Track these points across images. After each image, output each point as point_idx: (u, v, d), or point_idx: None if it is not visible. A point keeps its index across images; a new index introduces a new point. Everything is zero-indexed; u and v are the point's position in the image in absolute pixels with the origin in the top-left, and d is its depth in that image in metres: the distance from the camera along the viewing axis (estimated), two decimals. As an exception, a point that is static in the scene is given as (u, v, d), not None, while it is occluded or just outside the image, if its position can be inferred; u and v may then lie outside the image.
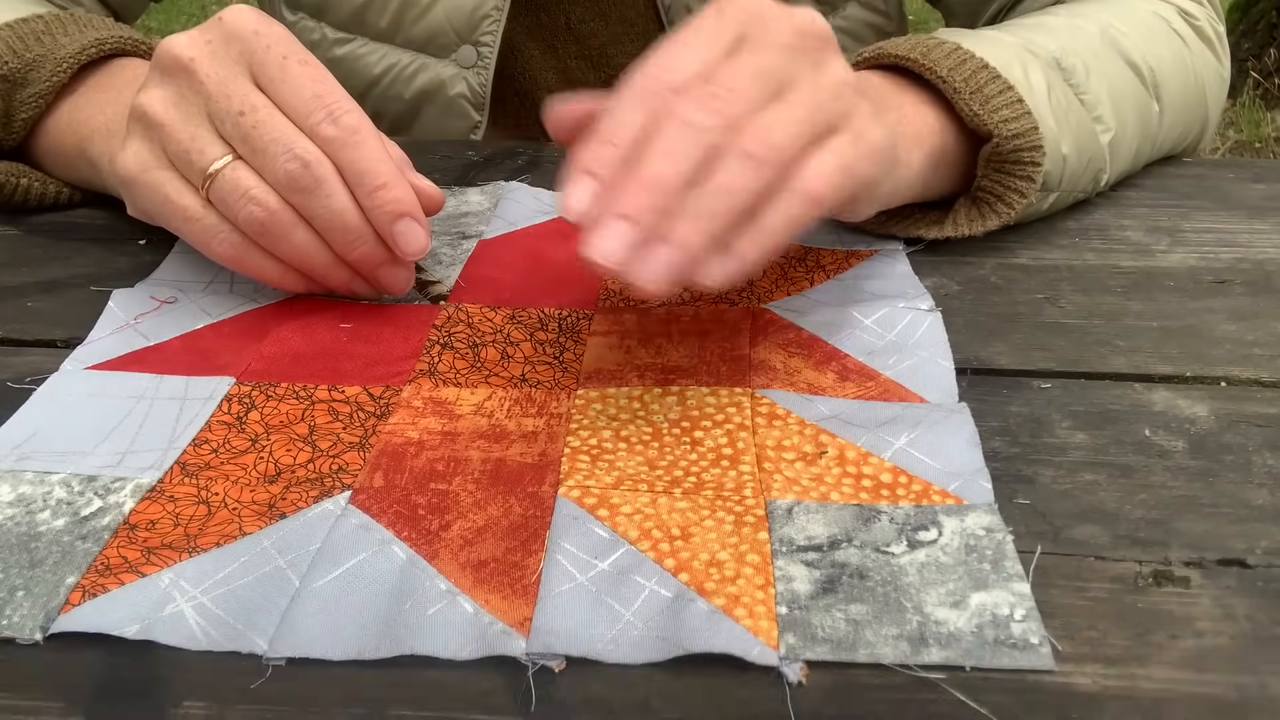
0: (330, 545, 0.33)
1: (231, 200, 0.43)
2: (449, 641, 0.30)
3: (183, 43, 0.44)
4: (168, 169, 0.45)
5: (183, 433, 0.39)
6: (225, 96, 0.43)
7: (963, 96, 0.47)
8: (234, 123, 0.43)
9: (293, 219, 0.44)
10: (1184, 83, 0.60)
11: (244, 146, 0.43)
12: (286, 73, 0.44)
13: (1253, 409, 0.41)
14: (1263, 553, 0.34)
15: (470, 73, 0.71)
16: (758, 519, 0.34)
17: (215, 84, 0.43)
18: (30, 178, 0.55)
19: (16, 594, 0.32)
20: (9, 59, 0.52)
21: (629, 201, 0.35)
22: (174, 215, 0.45)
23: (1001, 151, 0.47)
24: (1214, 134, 0.67)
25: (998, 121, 0.47)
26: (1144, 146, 0.58)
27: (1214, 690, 0.29)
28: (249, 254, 0.45)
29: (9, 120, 0.54)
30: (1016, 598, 0.31)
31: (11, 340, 0.46)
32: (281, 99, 0.44)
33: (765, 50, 0.38)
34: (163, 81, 0.44)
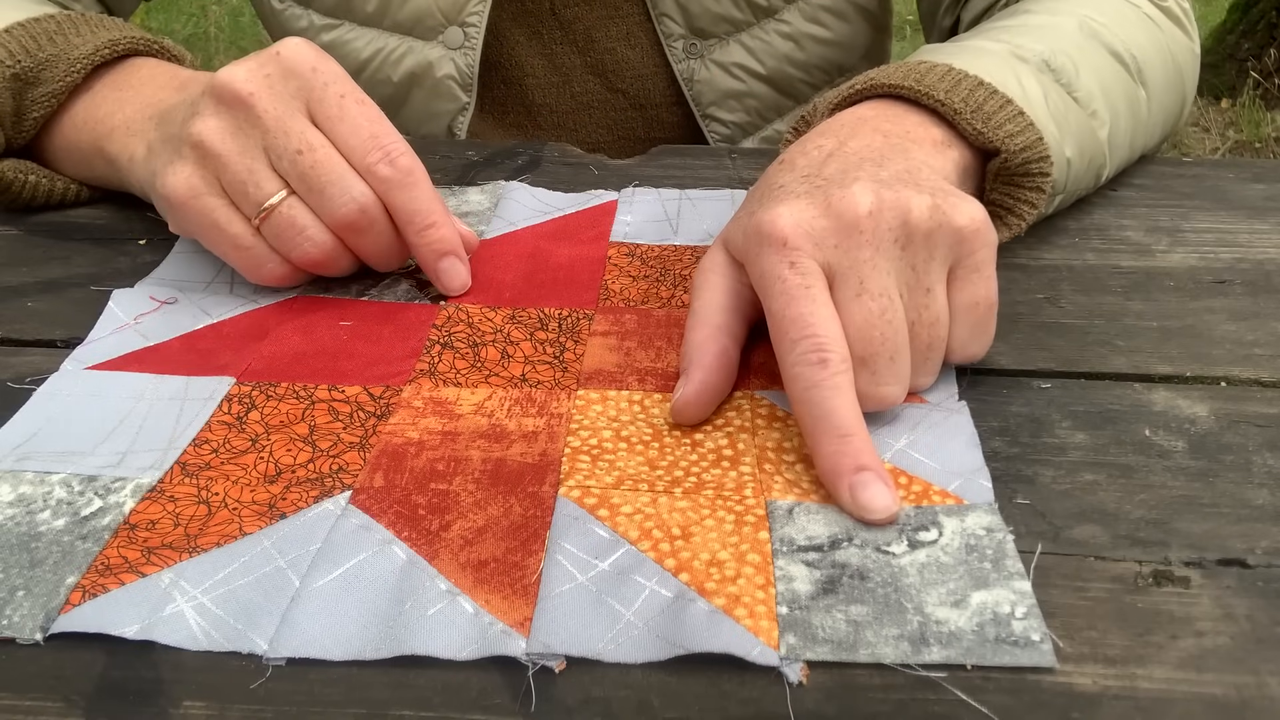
0: (330, 545, 0.33)
1: (287, 236, 0.45)
2: (449, 642, 0.30)
3: (241, 76, 0.45)
4: (219, 196, 0.45)
5: (183, 433, 0.39)
6: (283, 133, 0.44)
7: (964, 117, 0.46)
8: (291, 160, 0.44)
9: (342, 251, 0.47)
10: (1164, 65, 0.60)
11: (300, 184, 0.45)
12: (344, 111, 0.45)
13: (1253, 409, 0.41)
14: (1263, 553, 0.34)
15: (458, 54, 0.71)
16: (758, 519, 0.34)
17: (273, 120, 0.44)
18: (38, 174, 0.55)
19: (17, 594, 0.32)
20: (21, 58, 0.53)
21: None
22: (222, 241, 0.46)
23: (1010, 165, 0.47)
24: (1190, 112, 0.67)
25: (1003, 137, 0.46)
26: (1137, 134, 0.58)
27: (1214, 690, 0.29)
28: (293, 277, 0.48)
29: (20, 119, 0.54)
30: (1017, 596, 0.31)
31: (11, 340, 0.46)
32: (339, 137, 0.45)
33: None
34: (219, 112, 0.45)
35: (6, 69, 0.52)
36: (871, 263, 0.38)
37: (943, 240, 0.39)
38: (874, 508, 0.35)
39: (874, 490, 0.35)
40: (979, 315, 0.41)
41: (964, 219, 0.39)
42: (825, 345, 0.37)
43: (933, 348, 0.40)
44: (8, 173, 0.54)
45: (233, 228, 0.45)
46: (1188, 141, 2.67)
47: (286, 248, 0.46)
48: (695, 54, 0.73)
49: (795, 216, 0.39)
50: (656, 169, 0.62)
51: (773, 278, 0.39)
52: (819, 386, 0.37)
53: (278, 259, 0.46)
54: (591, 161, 0.63)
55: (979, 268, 0.40)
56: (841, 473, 0.36)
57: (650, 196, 0.58)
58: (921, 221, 0.39)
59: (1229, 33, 2.89)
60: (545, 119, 0.77)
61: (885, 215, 0.39)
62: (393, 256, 0.48)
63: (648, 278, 0.50)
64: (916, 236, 0.39)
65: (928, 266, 0.39)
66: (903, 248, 0.39)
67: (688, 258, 0.52)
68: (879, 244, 0.38)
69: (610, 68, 0.75)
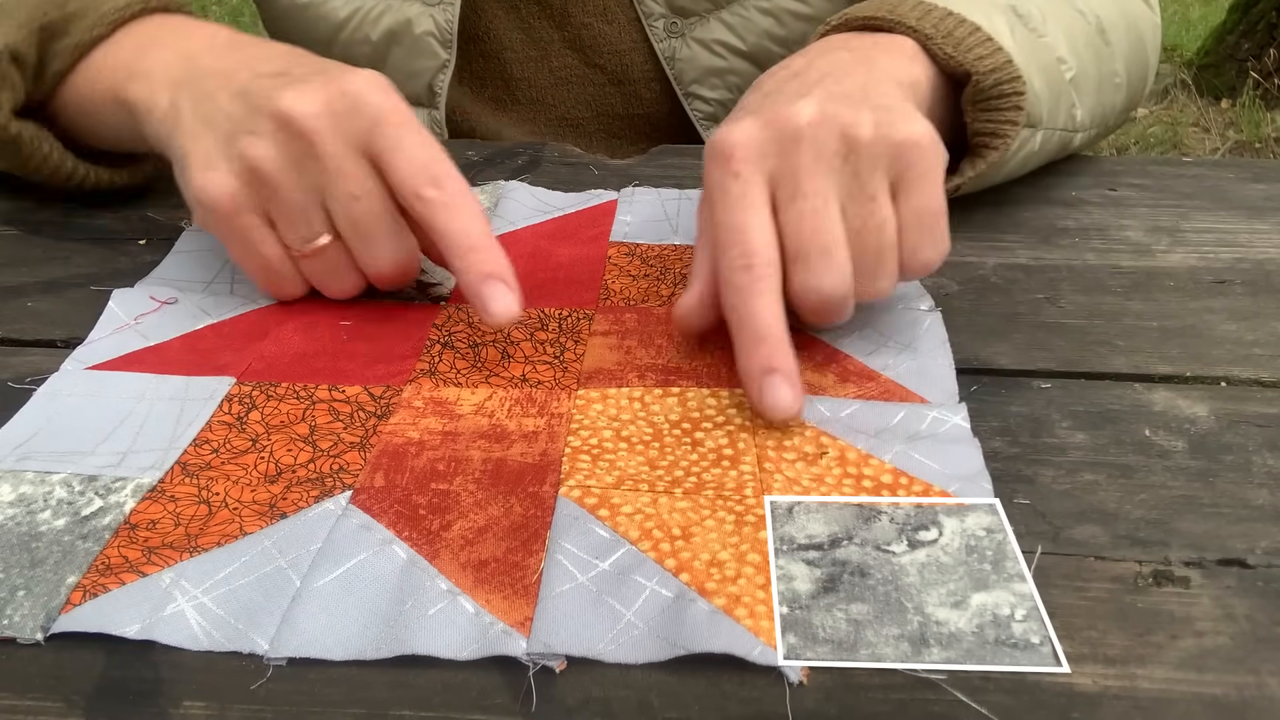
0: (331, 545, 0.33)
1: (323, 273, 0.46)
2: (450, 641, 0.30)
3: (310, 110, 0.43)
4: (260, 216, 0.45)
5: (183, 433, 0.39)
6: (341, 175, 0.43)
7: (935, 41, 0.48)
8: (345, 204, 0.44)
9: (368, 287, 0.47)
10: (1126, 29, 0.61)
11: (349, 229, 0.44)
12: (401, 142, 0.44)
13: (1253, 409, 0.41)
14: (1263, 553, 0.34)
15: (436, 10, 0.71)
16: (758, 518, 0.34)
17: (334, 161, 0.43)
18: (52, 145, 0.53)
19: (17, 594, 0.32)
20: (49, 10, 0.51)
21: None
22: (250, 259, 0.46)
23: (983, 88, 0.48)
24: (1152, 82, 0.68)
25: (973, 60, 0.48)
26: (1104, 88, 0.59)
27: (1214, 690, 0.29)
28: (304, 292, 0.48)
29: (41, 71, 0.52)
30: (1017, 598, 0.32)
31: (11, 340, 0.46)
32: (393, 166, 0.43)
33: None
34: (278, 139, 0.43)
35: (35, 20, 0.51)
36: (809, 168, 0.40)
37: (884, 152, 0.41)
38: (778, 407, 0.38)
39: (779, 391, 0.38)
40: (926, 222, 0.42)
41: (905, 133, 0.41)
42: (751, 251, 0.40)
43: (883, 251, 0.41)
44: (25, 134, 0.52)
45: (266, 249, 0.45)
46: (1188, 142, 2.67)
47: (320, 281, 0.46)
48: (676, 32, 0.74)
49: (741, 133, 0.41)
50: (656, 169, 0.62)
51: (717, 189, 0.41)
52: (741, 291, 0.39)
53: (299, 282, 0.46)
54: (591, 161, 0.63)
55: (923, 176, 0.41)
56: (752, 374, 0.38)
57: (650, 196, 0.58)
58: (863, 134, 0.40)
59: (1229, 33, 2.89)
60: (523, 93, 0.77)
61: (826, 125, 0.41)
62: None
63: (648, 277, 0.50)
64: (858, 148, 0.40)
65: (870, 176, 0.41)
66: (844, 159, 0.41)
67: (688, 257, 0.52)
68: (819, 152, 0.40)
69: (588, 43, 0.75)
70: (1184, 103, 2.86)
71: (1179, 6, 3.55)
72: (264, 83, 0.45)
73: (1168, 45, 3.24)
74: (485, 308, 0.42)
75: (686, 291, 0.43)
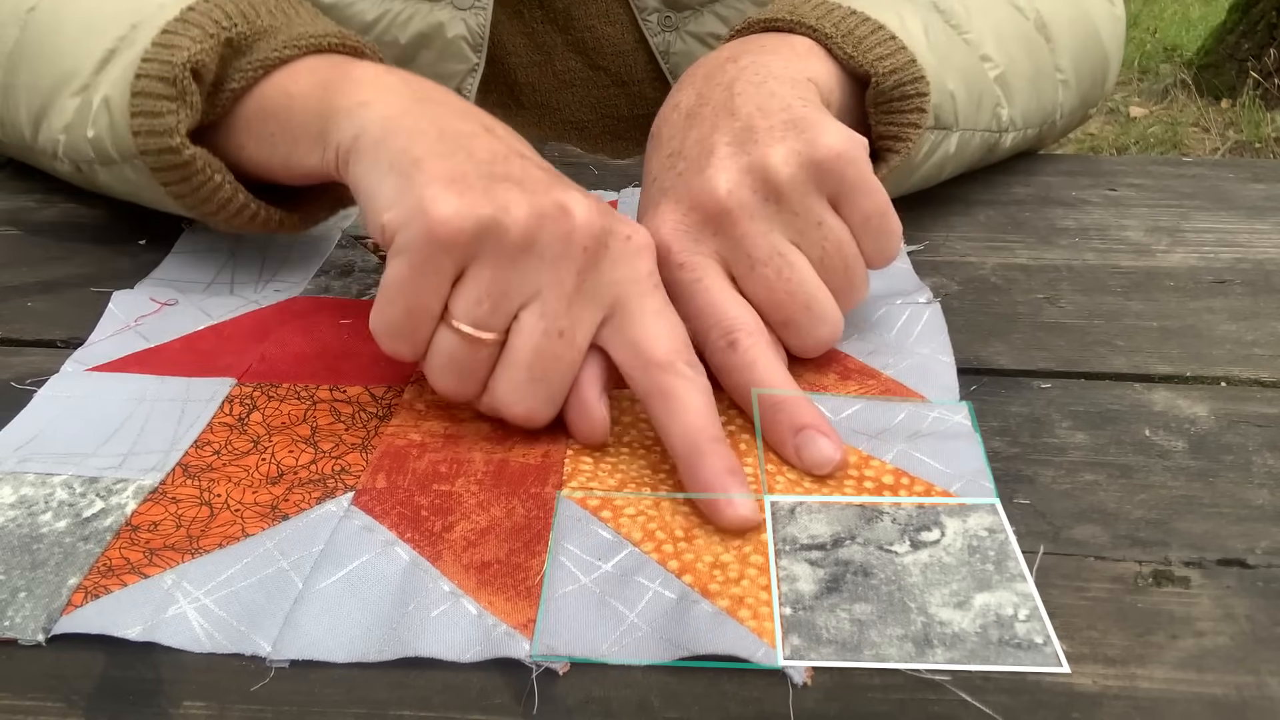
0: (333, 547, 0.34)
1: (456, 365, 0.37)
2: (453, 643, 0.30)
3: (586, 218, 0.37)
4: (456, 270, 0.36)
5: (185, 434, 0.39)
6: (566, 304, 0.37)
7: (835, 41, 0.47)
8: (545, 331, 0.37)
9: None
10: (1074, 22, 0.60)
11: (524, 352, 0.37)
12: (646, 311, 0.38)
13: (1253, 409, 0.41)
14: (1263, 553, 0.34)
15: (468, 14, 0.71)
16: (760, 520, 0.35)
17: (568, 289, 0.37)
18: (224, 175, 0.46)
19: (18, 595, 0.32)
20: (239, 22, 0.45)
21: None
22: (408, 300, 0.36)
23: (884, 89, 0.47)
24: (1116, 75, 0.67)
25: (872, 60, 0.47)
26: (1043, 86, 0.58)
27: (1214, 690, 0.29)
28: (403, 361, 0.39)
29: (217, 90, 0.45)
30: (1020, 598, 0.32)
31: (11, 340, 0.46)
32: (643, 331, 0.37)
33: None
34: (543, 219, 0.36)
35: (223, 31, 0.44)
36: (751, 235, 0.40)
37: (811, 178, 0.40)
38: (819, 460, 0.37)
39: (817, 444, 0.37)
40: (876, 223, 0.41)
41: (823, 150, 0.40)
42: (730, 326, 0.39)
43: (850, 267, 0.41)
44: (199, 160, 0.45)
45: (430, 300, 0.37)
46: (1188, 142, 2.67)
47: (439, 367, 0.37)
48: (670, 26, 0.74)
49: (668, 225, 0.41)
50: (657, 169, 0.62)
51: (670, 284, 0.40)
52: (738, 370, 0.39)
53: (420, 350, 0.38)
54: (591, 161, 0.63)
55: (856, 184, 0.41)
56: (785, 439, 0.38)
57: (650, 197, 0.58)
58: (782, 171, 0.40)
59: (1229, 33, 2.89)
60: (528, 97, 0.77)
61: (745, 185, 0.40)
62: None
63: (648, 278, 0.50)
64: (784, 189, 0.40)
65: (808, 206, 0.40)
66: (778, 204, 0.40)
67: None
68: (751, 214, 0.40)
69: (591, 45, 0.75)
70: (1184, 103, 2.86)
71: (1179, 6, 3.55)
72: (539, 165, 0.40)
73: (1168, 45, 3.24)
74: (730, 503, 0.34)
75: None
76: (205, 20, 0.44)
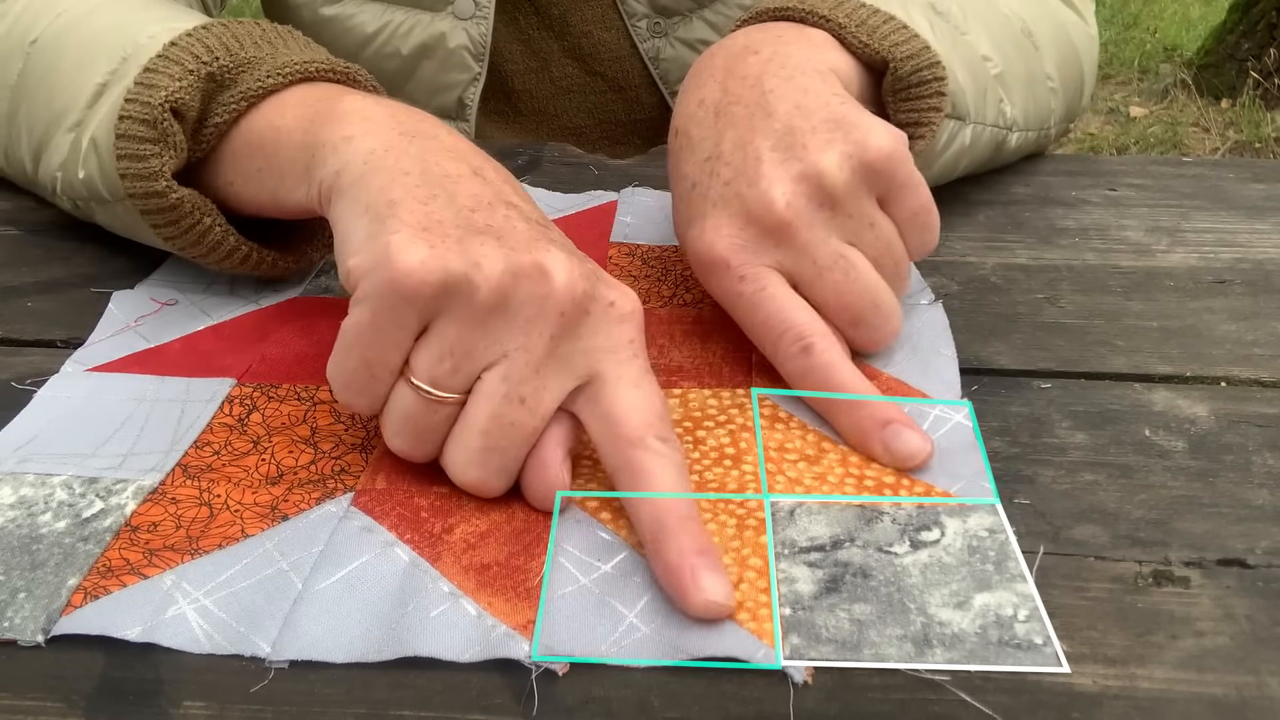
0: (333, 547, 0.34)
1: (414, 425, 0.35)
2: (452, 643, 0.30)
3: (565, 282, 0.34)
4: (420, 325, 0.35)
5: (184, 435, 0.39)
6: (535, 374, 0.34)
7: (849, 30, 0.46)
8: (507, 399, 0.34)
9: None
10: (1055, 35, 0.60)
11: (482, 419, 0.35)
12: (622, 384, 0.35)
13: (1253, 409, 0.41)
14: (1263, 553, 0.34)
15: (469, 24, 0.71)
16: (759, 522, 0.35)
17: (539, 355, 0.34)
18: (214, 218, 0.44)
19: (18, 596, 0.32)
20: (220, 55, 0.43)
21: None
22: (366, 352, 0.35)
23: (902, 76, 0.46)
24: (1091, 91, 0.69)
25: (889, 47, 0.46)
26: (1035, 88, 0.58)
27: (1214, 690, 0.29)
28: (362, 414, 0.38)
29: (201, 126, 0.44)
30: (1020, 598, 0.32)
31: (11, 340, 0.46)
32: (617, 404, 0.35)
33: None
34: (520, 280, 0.34)
35: (204, 66, 0.43)
36: (813, 244, 0.40)
37: (862, 182, 0.40)
38: (911, 452, 0.37)
39: (904, 436, 0.37)
40: (922, 219, 0.42)
41: (872, 152, 0.40)
42: (802, 332, 0.40)
43: (899, 262, 0.42)
44: (187, 203, 0.43)
45: (390, 355, 0.35)
46: (1188, 142, 2.67)
47: (397, 427, 0.35)
48: (659, 32, 0.74)
49: (725, 239, 0.41)
50: (656, 169, 0.62)
51: (731, 297, 0.41)
52: (812, 372, 0.40)
53: (379, 404, 0.36)
54: (591, 161, 0.63)
55: (904, 184, 0.41)
56: (870, 435, 0.38)
57: (650, 197, 0.58)
58: (838, 181, 0.40)
59: (1229, 33, 2.89)
60: (525, 104, 0.77)
61: (800, 194, 0.40)
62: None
63: (649, 277, 0.50)
64: (838, 194, 0.40)
65: (860, 208, 0.41)
66: (831, 209, 0.40)
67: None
68: (810, 223, 0.40)
69: (587, 51, 0.75)
70: (1184, 103, 2.86)
71: (1179, 6, 3.55)
72: (526, 217, 0.37)
73: (1168, 45, 3.24)
74: (699, 586, 0.31)
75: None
76: (186, 55, 0.43)
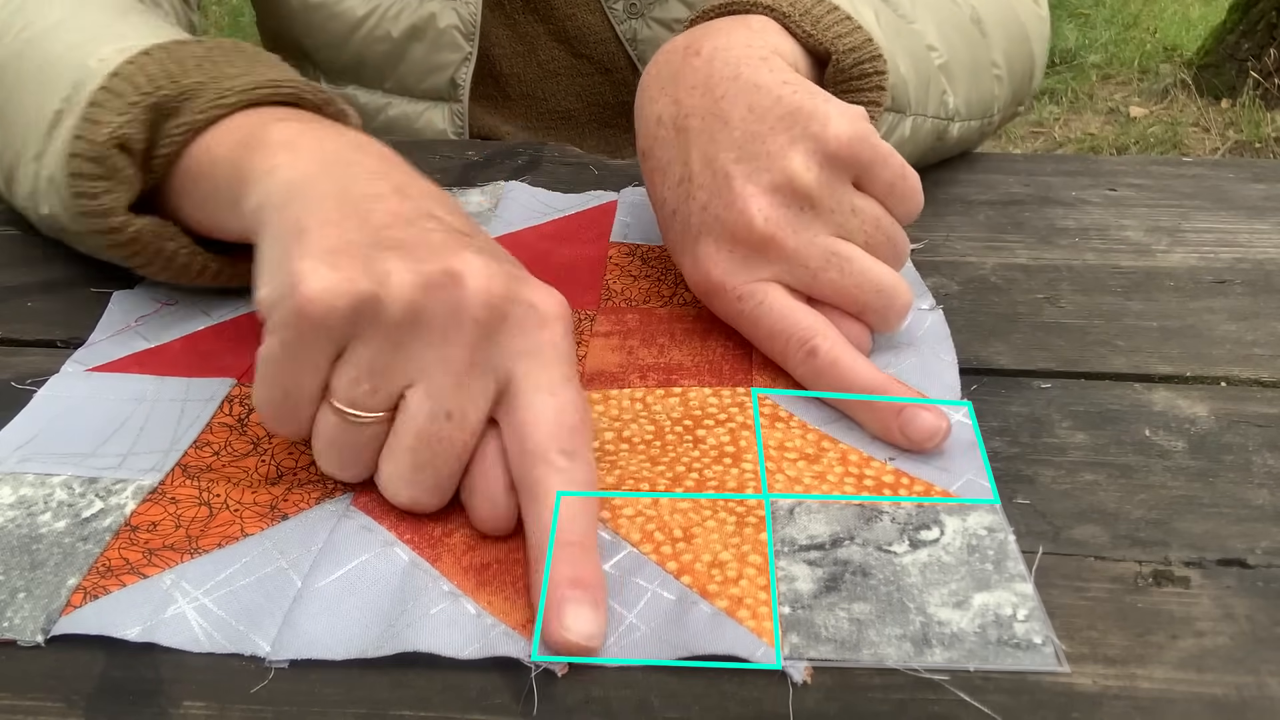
0: (332, 546, 0.34)
1: (342, 446, 0.35)
2: (452, 640, 0.30)
3: (483, 287, 0.33)
4: (335, 349, 0.33)
5: (184, 435, 0.39)
6: (459, 388, 0.34)
7: (793, 20, 0.47)
8: (431, 414, 0.33)
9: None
10: (1004, 19, 0.61)
11: (411, 437, 0.34)
12: (537, 393, 0.34)
13: (1253, 409, 0.41)
14: (1263, 553, 0.34)
15: (459, 4, 0.72)
16: (759, 519, 0.35)
17: (461, 368, 0.33)
18: (178, 241, 0.44)
19: (18, 596, 0.32)
20: (164, 84, 0.42)
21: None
22: (286, 380, 0.34)
23: (843, 67, 0.47)
24: (1042, 75, 0.71)
25: (832, 38, 0.47)
26: (982, 76, 0.59)
27: (1214, 690, 0.29)
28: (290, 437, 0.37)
29: (150, 156, 0.43)
30: (1019, 598, 0.32)
31: (11, 340, 0.46)
32: (529, 414, 0.34)
33: None
34: (431, 293, 0.33)
35: (145, 96, 0.42)
36: (801, 249, 0.41)
37: (833, 173, 0.41)
38: (927, 432, 0.38)
39: (920, 419, 0.38)
40: (900, 190, 0.42)
41: (833, 143, 0.40)
42: (804, 337, 0.40)
43: (891, 236, 0.43)
44: (145, 233, 0.43)
45: (308, 381, 0.34)
46: (1188, 142, 2.67)
47: (326, 449, 0.35)
48: (635, 13, 0.74)
49: (718, 265, 0.42)
50: (656, 169, 0.62)
51: (734, 317, 0.43)
52: (823, 373, 0.40)
53: (306, 429, 0.35)
54: (591, 161, 0.63)
55: (875, 162, 0.41)
56: (888, 424, 0.38)
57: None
58: (806, 180, 0.40)
59: (1229, 33, 2.89)
60: (514, 88, 0.77)
61: (777, 205, 0.41)
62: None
63: (649, 277, 0.50)
64: (812, 193, 0.41)
65: (838, 199, 0.41)
66: (812, 209, 0.41)
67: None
68: (793, 229, 0.41)
69: (572, 34, 0.75)
70: (1184, 103, 2.86)
71: (1179, 6, 3.55)
72: (446, 228, 0.36)
73: (1168, 45, 3.24)
74: (561, 621, 0.30)
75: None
76: (127, 87, 0.42)
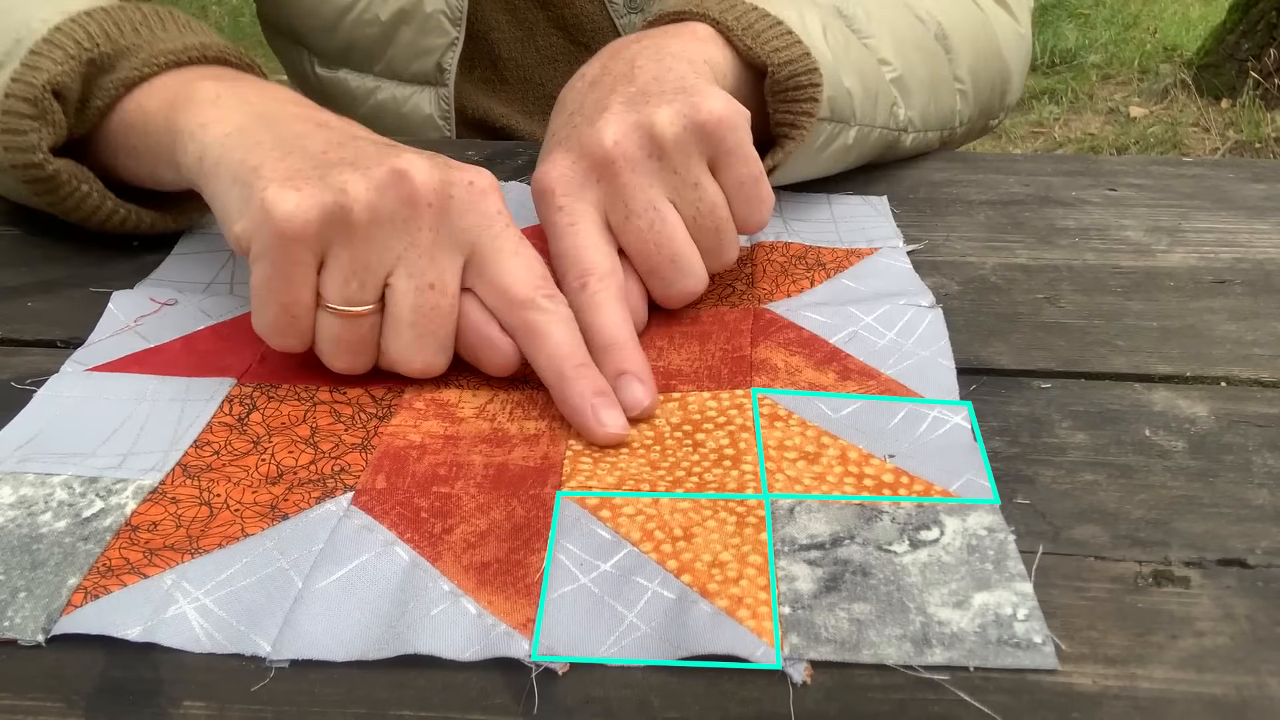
0: (333, 546, 0.34)
1: (344, 343, 0.40)
2: (452, 642, 0.30)
3: (426, 179, 0.39)
4: (317, 259, 0.39)
5: (184, 434, 0.39)
6: (429, 261, 0.40)
7: (735, 33, 0.50)
8: (418, 288, 0.39)
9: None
10: (976, 37, 0.63)
11: (405, 314, 0.39)
12: (502, 250, 0.40)
13: (1253, 409, 0.41)
14: (1263, 553, 0.34)
15: None
16: (759, 519, 0.35)
17: (426, 245, 0.39)
18: (91, 184, 0.49)
19: (18, 595, 0.32)
20: (101, 42, 0.47)
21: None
22: (279, 297, 0.39)
23: (779, 79, 0.50)
24: (1020, 90, 0.73)
25: (769, 52, 0.49)
26: (941, 91, 0.61)
27: (1214, 690, 0.29)
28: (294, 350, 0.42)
29: (84, 106, 0.48)
30: (1019, 597, 0.32)
31: (11, 340, 0.46)
32: (500, 271, 0.40)
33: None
34: (385, 191, 0.39)
35: (84, 52, 0.47)
36: (630, 185, 0.43)
37: (692, 139, 0.43)
38: (630, 403, 0.39)
39: (632, 388, 0.39)
40: (749, 189, 0.45)
41: (705, 113, 0.43)
42: (585, 269, 0.42)
43: (721, 230, 0.45)
44: (64, 172, 0.48)
45: (300, 293, 0.39)
46: (1188, 142, 2.67)
47: (329, 348, 0.40)
48: (635, 8, 0.74)
49: (556, 169, 0.44)
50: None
51: (547, 225, 0.44)
52: (582, 310, 0.41)
53: (308, 338, 0.40)
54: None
55: (734, 149, 0.44)
56: (607, 376, 0.40)
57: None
58: (667, 130, 0.43)
59: (1229, 33, 2.89)
60: (512, 73, 0.78)
61: (631, 138, 0.43)
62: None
63: (648, 278, 0.50)
64: (667, 145, 0.43)
65: (687, 166, 0.43)
66: (659, 160, 0.43)
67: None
68: (634, 166, 0.43)
69: (570, 21, 0.76)
70: (1184, 103, 2.86)
71: (1179, 6, 3.54)
72: (374, 141, 0.42)
73: (1168, 45, 3.24)
74: (598, 418, 0.38)
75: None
76: (68, 41, 0.47)
